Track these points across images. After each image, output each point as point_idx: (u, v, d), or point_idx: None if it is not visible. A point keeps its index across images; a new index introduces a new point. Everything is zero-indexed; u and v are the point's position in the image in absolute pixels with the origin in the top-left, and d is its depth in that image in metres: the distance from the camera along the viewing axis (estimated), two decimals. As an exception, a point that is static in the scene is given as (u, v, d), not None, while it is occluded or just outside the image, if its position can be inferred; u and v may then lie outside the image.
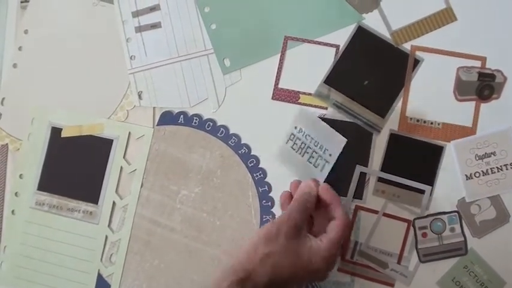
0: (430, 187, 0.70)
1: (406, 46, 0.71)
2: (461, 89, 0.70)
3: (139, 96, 0.74)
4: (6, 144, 0.77)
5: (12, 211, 0.76)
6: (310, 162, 0.69)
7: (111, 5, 0.76)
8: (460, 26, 0.71)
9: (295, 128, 0.70)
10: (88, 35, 0.76)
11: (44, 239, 0.76)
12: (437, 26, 0.71)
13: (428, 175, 0.70)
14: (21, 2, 0.78)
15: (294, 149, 0.70)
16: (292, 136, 0.70)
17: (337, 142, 0.68)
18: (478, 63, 0.71)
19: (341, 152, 0.68)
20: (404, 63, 0.71)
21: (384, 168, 0.71)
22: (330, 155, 0.68)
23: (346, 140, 0.68)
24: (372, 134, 0.71)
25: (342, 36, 0.72)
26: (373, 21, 0.72)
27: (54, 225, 0.76)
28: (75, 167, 0.75)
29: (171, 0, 0.74)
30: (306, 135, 0.69)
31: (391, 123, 0.71)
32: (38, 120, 0.76)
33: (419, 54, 0.71)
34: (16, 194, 0.76)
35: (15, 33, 0.78)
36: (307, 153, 0.69)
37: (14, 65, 0.77)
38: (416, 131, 0.71)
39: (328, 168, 0.68)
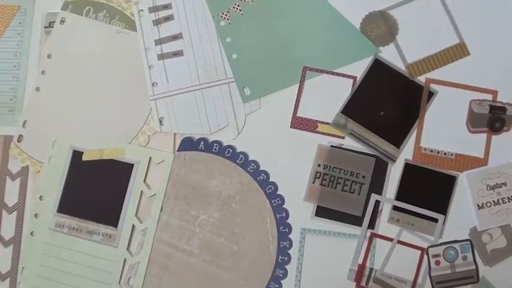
0: (443, 216, 0.72)
1: (421, 79, 0.74)
2: (474, 121, 0.73)
3: (161, 122, 0.76)
4: (27, 166, 0.78)
5: (32, 232, 0.77)
6: (345, 191, 0.71)
7: (134, 32, 0.78)
8: (473, 61, 0.74)
9: (319, 165, 0.72)
10: (111, 61, 0.78)
11: (62, 260, 0.77)
12: (450, 60, 0.74)
13: (442, 204, 0.72)
14: (45, 27, 0.80)
15: (324, 185, 0.72)
16: (318, 174, 0.72)
17: (366, 162, 0.71)
18: (489, 97, 0.73)
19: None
20: (419, 95, 0.73)
21: (398, 197, 0.73)
22: (364, 176, 0.70)
23: (375, 157, 0.70)
24: (387, 164, 0.73)
25: (359, 68, 0.74)
26: (389, 54, 0.74)
27: (74, 247, 0.77)
28: (95, 190, 0.77)
29: (194, 29, 0.76)
30: (332, 168, 0.71)
31: (406, 153, 0.73)
32: (59, 143, 0.78)
33: (433, 86, 0.74)
34: (36, 215, 0.77)
35: (38, 57, 0.80)
36: (339, 183, 0.71)
37: (37, 89, 0.79)
38: (430, 161, 0.73)
39: (365, 189, 0.71)
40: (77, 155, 0.77)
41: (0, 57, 0.81)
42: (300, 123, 0.74)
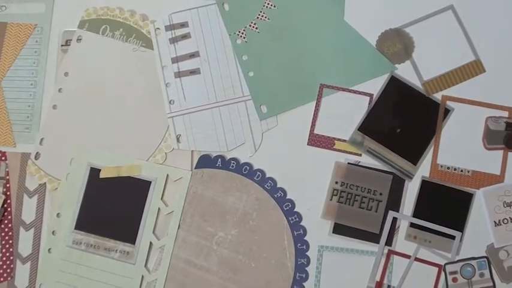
0: (460, 233, 0.72)
1: (437, 96, 0.74)
2: (490, 138, 0.73)
3: (178, 140, 0.76)
4: (45, 183, 0.79)
5: (49, 249, 0.78)
6: (363, 208, 0.71)
7: (151, 50, 0.78)
8: (489, 78, 0.74)
9: (336, 182, 0.73)
10: (128, 78, 0.78)
11: (80, 277, 0.77)
12: (466, 77, 0.74)
13: (458, 221, 0.73)
14: (62, 45, 0.80)
15: (342, 202, 0.72)
16: (335, 191, 0.72)
17: (383, 180, 0.71)
18: (505, 114, 0.74)
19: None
20: (436, 112, 0.74)
21: (415, 214, 0.73)
22: (381, 193, 0.71)
23: (392, 174, 0.71)
24: (404, 181, 0.73)
25: (376, 85, 0.75)
26: (405, 72, 0.75)
27: (91, 264, 0.77)
28: (112, 207, 0.77)
29: (210, 47, 0.77)
30: (349, 186, 0.72)
31: (423, 170, 0.73)
32: (76, 160, 0.78)
33: (449, 103, 0.74)
34: (53, 232, 0.78)
35: (55, 75, 0.80)
36: (356, 201, 0.72)
37: (54, 106, 0.79)
38: (447, 178, 0.73)
39: (382, 206, 0.71)
40: (94, 172, 0.78)
41: (17, 75, 0.81)
42: (317, 141, 0.75)
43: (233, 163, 0.75)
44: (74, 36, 0.80)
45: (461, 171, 0.73)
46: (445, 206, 0.73)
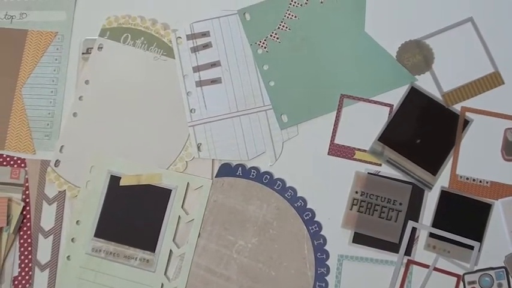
0: (479, 243, 0.73)
1: (457, 107, 0.75)
2: (509, 149, 0.74)
3: (199, 148, 0.77)
4: (64, 190, 0.79)
5: (68, 257, 0.78)
6: (382, 218, 0.72)
7: (172, 59, 0.79)
8: (508, 89, 0.75)
9: (356, 192, 0.73)
10: (149, 87, 0.79)
11: (99, 285, 0.77)
12: (486, 89, 0.75)
13: (477, 231, 0.73)
14: (83, 53, 0.81)
15: (362, 212, 0.73)
16: (355, 201, 0.73)
17: (403, 190, 0.72)
18: (524, 125, 0.74)
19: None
20: (455, 123, 0.75)
21: (434, 224, 0.74)
22: (400, 203, 0.71)
23: (412, 185, 0.71)
24: (424, 191, 0.74)
25: (396, 96, 0.76)
26: (425, 83, 0.76)
27: (110, 271, 0.77)
28: (132, 215, 0.77)
29: (232, 57, 0.78)
30: (369, 195, 0.72)
31: (442, 180, 0.74)
32: (96, 168, 0.79)
33: (468, 115, 0.75)
34: (72, 239, 0.78)
35: (75, 83, 0.81)
36: (376, 210, 0.72)
37: (74, 114, 0.80)
38: (466, 188, 0.74)
39: (402, 216, 0.72)
40: (114, 180, 0.78)
41: (37, 82, 0.81)
42: (338, 150, 0.75)
43: (253, 172, 0.76)
44: (95, 44, 0.80)
45: (480, 182, 0.74)
46: (464, 216, 0.73)
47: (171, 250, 0.76)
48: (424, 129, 0.75)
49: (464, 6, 0.76)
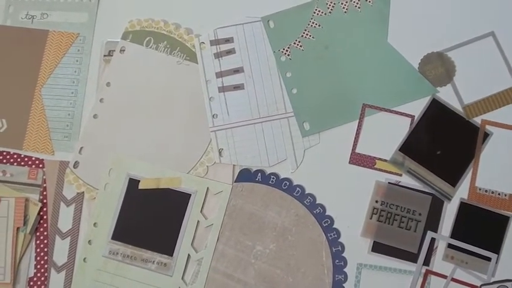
0: (496, 255, 0.74)
1: (477, 120, 0.76)
2: (527, 163, 0.75)
3: (220, 154, 0.77)
4: (83, 192, 0.79)
5: (84, 259, 0.78)
6: (401, 227, 0.72)
7: (195, 64, 0.79)
8: (528, 104, 0.76)
9: (376, 201, 0.74)
10: (171, 91, 0.79)
11: (115, 288, 0.77)
12: (506, 103, 0.76)
13: (495, 243, 0.74)
14: (104, 56, 0.81)
15: (381, 221, 0.73)
16: (375, 210, 0.73)
17: (423, 200, 0.72)
18: (542, 139, 0.75)
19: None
20: (475, 136, 0.75)
21: (453, 235, 0.74)
22: (420, 214, 0.72)
23: (432, 195, 0.72)
24: (443, 202, 0.74)
25: (417, 107, 0.76)
26: (446, 95, 0.76)
27: (127, 275, 0.77)
28: (151, 218, 0.77)
29: (255, 64, 0.78)
30: (389, 205, 0.73)
31: (461, 192, 0.75)
32: (115, 170, 0.78)
33: (489, 128, 0.76)
34: (89, 242, 0.78)
35: (96, 84, 0.81)
36: (396, 220, 0.73)
37: (95, 116, 0.80)
38: (485, 201, 0.74)
39: (421, 226, 0.72)
40: (133, 183, 0.78)
41: (58, 83, 0.81)
42: (359, 159, 0.76)
43: (273, 178, 0.76)
44: (117, 47, 0.80)
45: (499, 194, 0.74)
46: (482, 228, 0.74)
47: (189, 254, 0.76)
48: (445, 140, 0.75)
49: (486, 20, 0.77)
